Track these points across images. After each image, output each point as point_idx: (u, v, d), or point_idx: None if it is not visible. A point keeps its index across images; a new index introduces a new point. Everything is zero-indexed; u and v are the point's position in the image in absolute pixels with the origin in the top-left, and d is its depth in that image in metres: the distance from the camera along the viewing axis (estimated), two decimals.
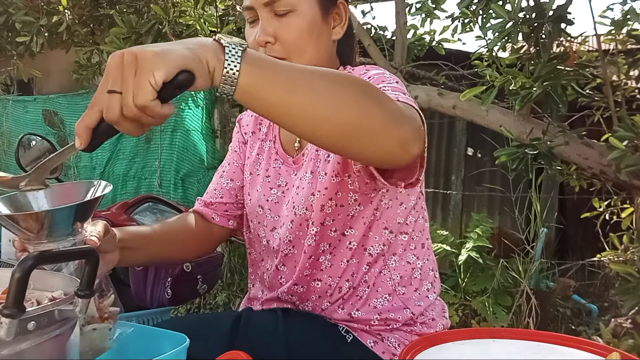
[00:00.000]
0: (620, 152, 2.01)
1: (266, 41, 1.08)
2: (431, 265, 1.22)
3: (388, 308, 1.14)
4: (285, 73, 0.76)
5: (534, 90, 2.18)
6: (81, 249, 0.80)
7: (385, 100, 0.82)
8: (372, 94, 0.81)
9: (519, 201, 3.29)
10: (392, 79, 1.04)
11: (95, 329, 0.89)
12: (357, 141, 0.80)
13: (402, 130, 0.81)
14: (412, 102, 0.93)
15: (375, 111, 0.80)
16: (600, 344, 0.81)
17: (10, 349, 0.63)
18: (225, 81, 0.71)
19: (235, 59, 0.71)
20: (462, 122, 4.78)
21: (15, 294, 0.63)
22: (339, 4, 1.14)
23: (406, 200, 1.15)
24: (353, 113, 0.78)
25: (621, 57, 2.64)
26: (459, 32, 3.12)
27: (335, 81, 0.79)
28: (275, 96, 0.74)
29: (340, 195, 1.10)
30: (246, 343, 1.05)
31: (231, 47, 0.72)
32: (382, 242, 1.13)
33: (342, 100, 0.77)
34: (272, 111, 0.76)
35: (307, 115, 0.76)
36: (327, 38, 1.14)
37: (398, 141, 0.81)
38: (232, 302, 3.68)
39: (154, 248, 1.19)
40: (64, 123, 5.39)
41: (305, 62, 1.09)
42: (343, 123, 0.78)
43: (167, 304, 1.54)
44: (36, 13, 3.56)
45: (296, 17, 1.08)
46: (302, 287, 1.16)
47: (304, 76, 0.77)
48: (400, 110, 0.84)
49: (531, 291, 2.99)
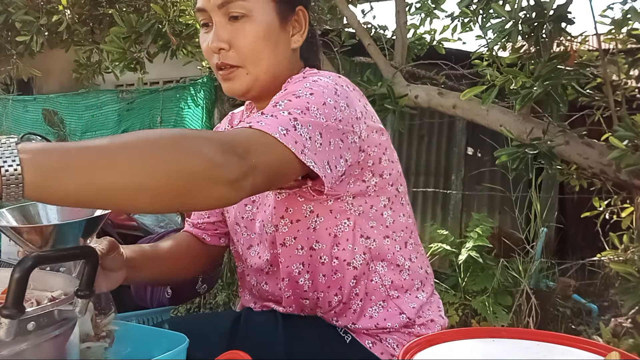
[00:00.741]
0: (621, 151, 2.01)
1: (220, 47, 1.04)
2: (420, 263, 1.18)
3: (384, 316, 1.11)
4: (79, 155, 0.69)
5: (534, 90, 2.18)
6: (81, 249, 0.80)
7: (200, 146, 0.75)
8: (182, 149, 0.74)
9: (519, 201, 3.29)
10: (305, 91, 0.94)
11: (90, 347, 0.87)
12: (183, 199, 0.75)
13: (226, 172, 0.76)
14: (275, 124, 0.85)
15: (190, 163, 0.73)
16: (600, 344, 0.81)
17: (10, 349, 0.63)
18: (8, 182, 0.63)
19: (10, 154, 0.64)
20: (462, 121, 4.78)
21: (15, 294, 0.63)
22: (297, 11, 1.10)
23: (375, 202, 1.10)
24: (165, 176, 0.72)
25: (621, 57, 2.64)
26: (459, 31, 3.12)
27: (137, 147, 0.73)
28: (74, 183, 0.68)
29: (292, 211, 1.06)
30: (246, 343, 1.05)
31: (0, 143, 0.64)
32: (362, 251, 1.08)
33: (148, 165, 0.72)
34: (80, 198, 0.70)
35: (119, 191, 0.71)
36: (286, 46, 1.09)
37: (224, 183, 0.76)
38: (232, 301, 3.68)
39: (159, 267, 1.19)
40: (63, 122, 5.40)
41: (261, 70, 1.06)
42: (159, 188, 0.72)
43: (167, 303, 1.54)
44: (36, 12, 3.56)
45: (251, 23, 1.04)
46: (291, 306, 1.15)
47: (101, 152, 0.71)
48: (225, 146, 0.77)
49: (531, 291, 2.99)
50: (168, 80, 5.56)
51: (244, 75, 1.06)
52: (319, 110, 0.92)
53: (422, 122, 4.97)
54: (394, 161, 1.12)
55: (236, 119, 1.29)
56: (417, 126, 5.03)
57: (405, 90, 2.95)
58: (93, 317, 0.91)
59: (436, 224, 4.35)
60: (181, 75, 5.17)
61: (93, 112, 5.24)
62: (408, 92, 2.93)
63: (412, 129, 5.00)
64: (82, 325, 0.86)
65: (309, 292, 1.12)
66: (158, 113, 4.77)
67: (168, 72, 4.84)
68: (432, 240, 3.80)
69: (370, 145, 1.06)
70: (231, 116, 1.31)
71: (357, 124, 1.01)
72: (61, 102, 5.46)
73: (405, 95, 2.91)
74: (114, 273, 1.03)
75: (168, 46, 3.39)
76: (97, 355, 0.89)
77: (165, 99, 4.76)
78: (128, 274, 1.07)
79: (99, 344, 0.89)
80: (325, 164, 0.91)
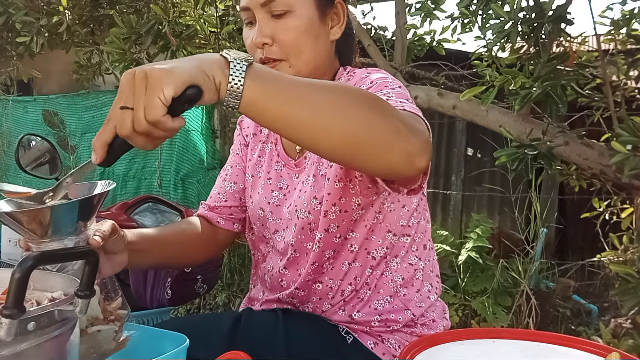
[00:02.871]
0: (623, 155, 2.01)
1: (263, 42, 1.08)
2: (432, 267, 1.22)
3: (389, 309, 1.14)
4: (288, 87, 0.77)
5: (534, 91, 2.18)
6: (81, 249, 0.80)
7: (390, 113, 0.81)
8: (376, 107, 0.80)
9: (518, 201, 3.29)
10: (394, 84, 1.03)
11: (100, 330, 0.88)
12: (361, 154, 0.80)
13: (407, 144, 0.80)
14: (417, 111, 0.92)
15: (380, 125, 0.79)
16: (600, 344, 0.81)
17: (10, 350, 0.63)
18: (230, 95, 0.73)
19: (240, 74, 0.73)
20: (462, 122, 4.79)
21: (15, 294, 0.63)
22: (336, 4, 1.14)
23: (408, 203, 1.15)
24: (356, 126, 0.78)
25: (621, 57, 2.64)
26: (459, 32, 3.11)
27: (338, 94, 0.79)
28: (278, 109, 0.76)
29: (344, 201, 1.09)
30: (246, 343, 1.05)
31: (236, 62, 0.74)
32: (385, 245, 1.13)
33: (345, 113, 0.77)
34: (276, 124, 0.77)
35: (309, 127, 0.77)
36: (325, 39, 1.13)
37: (403, 155, 0.80)
38: (232, 302, 3.68)
39: (162, 251, 1.18)
40: (63, 123, 5.40)
41: (304, 63, 1.09)
42: (346, 136, 0.77)
43: (167, 304, 1.54)
44: (36, 13, 3.56)
45: (293, 18, 1.07)
46: (303, 290, 1.16)
47: (307, 90, 0.78)
48: (406, 122, 0.82)
49: (531, 291, 2.99)
50: None
51: (286, 68, 1.09)
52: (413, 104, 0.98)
53: None
54: None
55: (245, 124, 1.32)
56: None
57: None
58: (100, 300, 0.90)
59: (436, 225, 4.36)
60: None
61: (93, 113, 5.23)
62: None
63: None
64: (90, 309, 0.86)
65: (326, 278, 1.14)
66: None
67: None
68: (432, 241, 3.80)
69: None
70: (242, 119, 1.33)
71: None
72: (61, 103, 5.46)
73: None
74: (116, 256, 1.02)
75: (168, 47, 3.39)
76: (108, 338, 0.89)
77: None
78: (130, 258, 1.06)
79: (109, 327, 0.89)
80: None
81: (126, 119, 0.70)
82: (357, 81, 1.10)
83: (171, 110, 0.71)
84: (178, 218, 1.97)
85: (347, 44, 1.22)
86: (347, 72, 1.18)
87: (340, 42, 1.18)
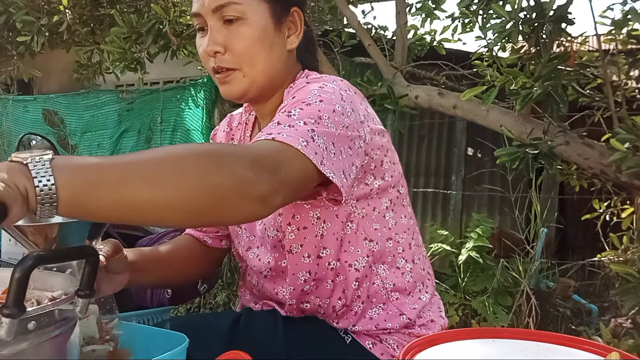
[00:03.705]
0: (622, 154, 2.01)
1: (215, 51, 1.04)
2: (422, 265, 1.18)
3: (384, 317, 1.11)
4: (111, 169, 0.70)
5: (535, 90, 2.18)
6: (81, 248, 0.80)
7: (231, 164, 0.76)
8: (214, 163, 0.75)
9: (519, 201, 3.29)
10: (315, 98, 0.95)
11: (95, 350, 0.87)
12: (214, 215, 0.77)
13: (255, 190, 0.76)
14: (296, 135, 0.86)
15: (221, 180, 0.75)
16: (600, 344, 0.81)
17: (10, 349, 0.63)
18: (42, 200, 0.63)
19: (46, 171, 0.64)
20: (462, 122, 4.78)
21: (16, 294, 0.63)
22: (292, 12, 1.10)
23: (378, 205, 1.10)
24: (196, 190, 0.73)
25: (621, 57, 2.64)
26: (459, 32, 3.12)
27: (168, 163, 0.74)
28: (110, 194, 0.68)
29: (299, 218, 1.06)
30: (246, 343, 1.05)
31: (35, 161, 0.64)
32: (365, 253, 1.09)
33: (180, 180, 0.73)
34: (113, 212, 0.70)
35: (150, 207, 0.71)
36: (281, 48, 1.09)
37: (255, 200, 0.77)
38: (232, 301, 3.68)
39: (162, 270, 1.19)
40: (64, 122, 5.40)
41: (258, 72, 1.06)
42: (190, 202, 0.73)
43: (167, 303, 1.54)
44: (37, 13, 3.56)
45: (246, 26, 1.04)
46: (292, 310, 1.14)
47: (132, 168, 0.72)
48: (256, 164, 0.78)
49: (531, 291, 2.99)
50: (168, 81, 5.56)
51: (240, 77, 1.07)
52: (330, 118, 0.93)
53: (422, 123, 4.97)
54: (395, 163, 1.13)
55: (235, 120, 1.29)
56: (417, 126, 5.03)
57: (405, 90, 2.95)
58: (99, 319, 0.90)
59: (436, 225, 4.35)
60: (181, 76, 5.17)
61: (93, 112, 5.24)
62: (408, 93, 2.93)
63: (412, 129, 5.00)
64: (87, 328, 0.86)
65: (312, 297, 1.12)
66: (158, 113, 4.77)
67: (168, 72, 4.84)
68: (432, 241, 3.80)
69: (373, 148, 1.06)
70: (230, 118, 1.31)
71: (362, 127, 1.01)
72: (61, 102, 5.46)
73: (405, 95, 2.91)
74: (117, 276, 1.03)
75: (168, 46, 3.39)
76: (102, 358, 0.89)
77: (166, 99, 4.77)
78: (131, 277, 1.07)
79: (104, 347, 0.89)
80: (341, 173, 0.92)
81: None
82: (295, 92, 1.03)
83: None
84: None
85: (307, 51, 1.18)
86: (302, 76, 1.12)
87: (300, 50, 1.15)
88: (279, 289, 1.14)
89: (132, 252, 1.10)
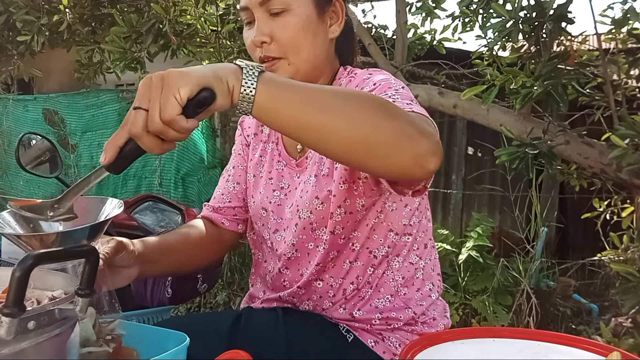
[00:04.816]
0: (621, 150, 2.01)
1: (262, 41, 1.08)
2: (433, 266, 1.22)
3: (390, 308, 1.14)
4: (298, 91, 0.79)
5: (535, 90, 2.18)
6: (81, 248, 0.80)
7: (399, 116, 0.82)
8: (385, 110, 0.81)
9: (519, 200, 3.29)
10: (398, 85, 1.02)
11: (91, 352, 0.86)
12: (371, 157, 0.81)
13: (417, 147, 0.80)
14: (424, 112, 0.92)
15: (389, 128, 0.80)
16: (600, 344, 0.81)
17: (10, 348, 0.63)
18: (243, 99, 0.76)
19: (252, 79, 0.76)
20: (462, 121, 4.78)
21: (16, 293, 0.63)
22: (334, 2, 1.14)
23: (410, 202, 1.15)
24: (365, 129, 0.79)
25: (621, 56, 2.64)
26: (460, 31, 3.11)
27: (347, 98, 0.81)
28: (289, 113, 0.78)
29: (349, 203, 1.10)
30: (246, 342, 1.05)
31: (248, 68, 0.77)
32: (387, 244, 1.13)
33: (355, 117, 0.79)
34: (288, 127, 0.80)
35: (320, 131, 0.79)
36: (324, 36, 1.13)
37: (413, 157, 0.80)
38: (232, 301, 3.68)
39: (172, 259, 1.19)
40: (64, 122, 5.40)
41: (302, 60, 1.10)
42: (356, 139, 0.79)
43: (168, 303, 1.54)
44: (37, 12, 3.56)
45: (291, 16, 1.08)
46: (305, 289, 1.16)
47: (317, 95, 0.80)
48: (416, 124, 0.82)
49: (531, 290, 2.99)
50: None
51: (285, 66, 1.10)
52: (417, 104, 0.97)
53: None
54: None
55: (246, 124, 1.32)
56: None
57: None
58: (96, 321, 0.90)
59: (436, 224, 4.35)
60: None
61: (93, 112, 5.24)
62: None
63: None
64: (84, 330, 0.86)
65: (326, 276, 1.15)
66: None
67: None
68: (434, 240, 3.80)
69: None
70: (243, 119, 1.33)
71: None
72: (61, 102, 5.46)
73: None
74: (125, 270, 1.04)
75: (168, 46, 3.39)
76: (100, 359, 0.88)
77: None
78: (142, 269, 1.08)
79: (102, 349, 0.88)
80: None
81: (138, 118, 0.72)
82: (359, 82, 1.10)
83: (185, 111, 0.72)
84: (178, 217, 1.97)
85: (346, 43, 1.22)
86: (347, 72, 1.18)
87: (339, 42, 1.18)
88: (304, 270, 1.16)
89: (141, 243, 1.11)
